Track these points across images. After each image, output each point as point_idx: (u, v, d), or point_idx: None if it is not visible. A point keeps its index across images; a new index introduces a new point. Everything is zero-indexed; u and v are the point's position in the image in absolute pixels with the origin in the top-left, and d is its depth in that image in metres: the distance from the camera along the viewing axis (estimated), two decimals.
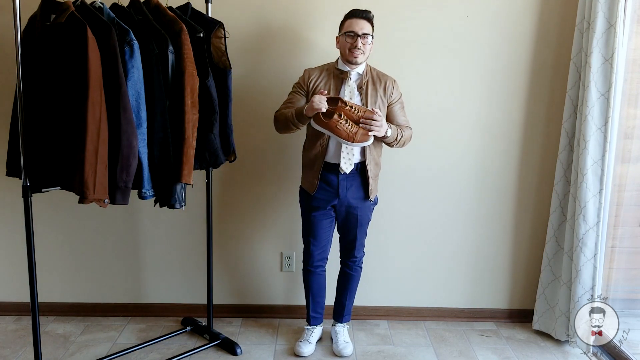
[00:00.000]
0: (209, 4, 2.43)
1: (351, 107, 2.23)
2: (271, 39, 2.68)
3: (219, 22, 2.28)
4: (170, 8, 2.18)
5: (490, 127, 2.77)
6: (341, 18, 2.34)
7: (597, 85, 2.41)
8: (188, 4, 2.31)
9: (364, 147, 2.31)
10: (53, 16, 1.92)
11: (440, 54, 2.70)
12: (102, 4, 1.99)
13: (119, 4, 2.09)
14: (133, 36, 1.93)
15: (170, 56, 2.03)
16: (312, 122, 2.27)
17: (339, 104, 2.24)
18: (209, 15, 2.39)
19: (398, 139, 2.37)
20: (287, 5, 2.64)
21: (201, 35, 2.16)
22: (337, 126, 2.21)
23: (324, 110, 2.18)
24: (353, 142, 2.23)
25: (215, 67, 2.29)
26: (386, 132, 2.28)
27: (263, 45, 2.68)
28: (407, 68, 2.70)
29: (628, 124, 2.57)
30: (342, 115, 2.22)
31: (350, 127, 2.21)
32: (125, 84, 1.90)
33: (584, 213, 2.47)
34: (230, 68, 2.33)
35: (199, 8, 2.36)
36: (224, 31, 2.31)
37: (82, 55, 1.82)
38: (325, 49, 2.58)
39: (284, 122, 2.32)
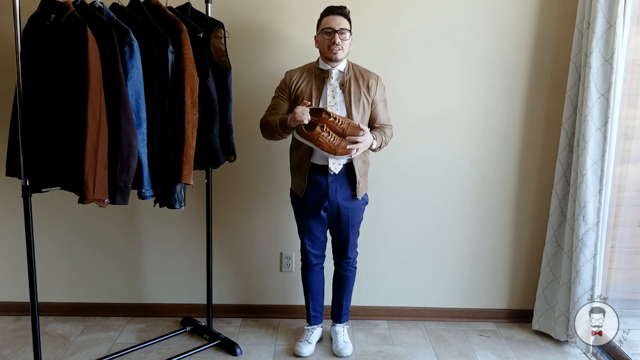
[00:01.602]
0: (209, 4, 2.43)
1: (335, 118, 2.22)
2: (269, 39, 2.68)
3: (219, 22, 2.29)
4: (170, 8, 2.18)
5: (489, 127, 2.77)
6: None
7: (596, 86, 2.41)
8: (188, 3, 2.31)
9: None
10: (53, 16, 1.92)
11: (440, 54, 2.70)
12: (102, 3, 1.99)
13: (119, 3, 2.09)
14: (133, 36, 1.93)
15: (170, 56, 2.04)
16: (294, 133, 2.27)
17: (323, 115, 2.22)
18: (209, 15, 2.39)
19: (382, 146, 2.38)
20: (288, 5, 2.65)
21: (201, 35, 2.16)
22: (319, 138, 2.19)
23: (305, 122, 2.17)
24: (335, 154, 2.21)
25: (215, 67, 2.29)
26: (372, 145, 2.29)
27: (261, 45, 2.68)
28: (406, 68, 2.70)
29: (628, 124, 2.57)
30: (325, 127, 2.20)
31: (332, 139, 2.20)
32: (125, 84, 1.90)
33: (584, 213, 2.47)
34: (230, 68, 2.33)
35: (199, 8, 2.36)
36: (224, 31, 2.31)
37: (82, 55, 1.82)
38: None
39: (269, 130, 2.33)
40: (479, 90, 2.74)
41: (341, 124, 2.22)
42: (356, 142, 2.21)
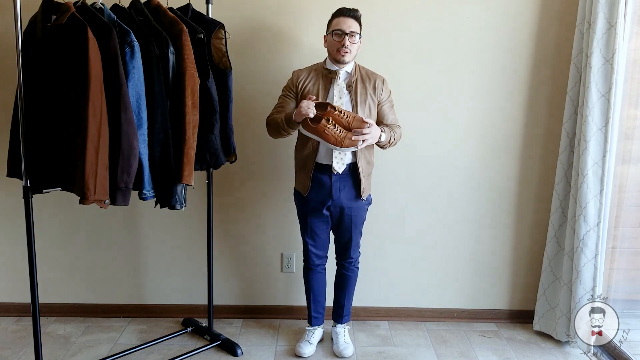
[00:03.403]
0: (210, 5, 2.43)
1: (340, 112, 2.23)
2: (270, 40, 2.68)
3: (220, 23, 2.29)
4: (170, 9, 2.18)
5: (490, 127, 2.77)
6: None
7: (597, 86, 2.40)
8: (189, 4, 2.32)
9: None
10: (54, 17, 1.93)
11: (441, 55, 2.70)
12: (102, 5, 1.99)
13: (120, 4, 2.09)
14: (134, 37, 1.94)
15: (171, 57, 2.04)
16: (300, 127, 2.27)
17: (328, 108, 2.23)
18: (210, 16, 2.39)
19: (391, 142, 2.38)
20: (287, 6, 2.65)
21: (202, 36, 2.16)
22: (325, 131, 2.20)
23: (311, 115, 2.17)
24: (341, 146, 2.22)
25: (216, 68, 2.29)
26: (380, 137, 2.29)
27: (262, 46, 2.69)
28: (407, 68, 2.70)
29: (628, 124, 2.57)
30: (331, 120, 2.21)
31: (338, 131, 2.20)
32: (126, 85, 1.90)
33: (585, 214, 2.47)
34: (231, 69, 2.33)
35: (200, 9, 2.36)
36: (225, 32, 2.31)
37: (83, 56, 1.82)
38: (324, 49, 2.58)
39: (275, 127, 2.33)
40: (479, 90, 2.73)
41: (346, 117, 2.23)
42: (362, 132, 2.20)
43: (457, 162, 2.80)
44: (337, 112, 2.22)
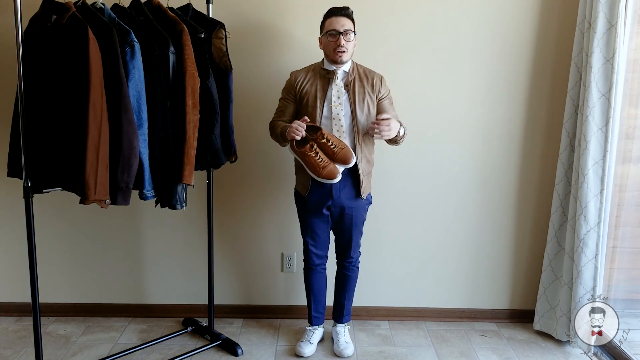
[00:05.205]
0: (210, 5, 2.43)
1: (328, 140, 2.22)
2: (270, 40, 2.68)
3: (220, 22, 2.29)
4: (171, 9, 2.18)
5: (490, 127, 2.77)
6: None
7: (597, 86, 2.40)
8: (189, 4, 2.32)
9: (355, 145, 2.31)
10: (54, 17, 1.93)
11: (441, 55, 2.70)
12: (103, 4, 1.99)
13: (120, 4, 2.09)
14: (134, 37, 1.94)
15: (171, 57, 2.04)
16: (288, 146, 2.29)
17: (317, 134, 2.23)
18: (210, 15, 2.40)
19: (404, 136, 2.37)
20: (288, 5, 2.65)
21: (202, 35, 2.16)
22: (305, 158, 2.22)
23: (297, 139, 2.19)
24: (318, 176, 2.22)
25: (216, 68, 2.29)
26: (398, 131, 2.28)
27: (263, 45, 2.68)
28: (408, 68, 2.70)
29: (629, 124, 2.57)
30: (314, 147, 2.21)
31: (319, 160, 2.20)
32: (126, 85, 1.90)
33: (585, 213, 2.47)
34: (231, 68, 2.33)
35: (200, 9, 2.36)
36: (225, 32, 2.31)
37: (83, 55, 1.82)
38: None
39: (275, 135, 2.36)
40: (480, 90, 2.73)
41: (334, 146, 2.22)
42: (382, 126, 2.20)
43: (457, 161, 2.80)
44: (324, 140, 2.22)
